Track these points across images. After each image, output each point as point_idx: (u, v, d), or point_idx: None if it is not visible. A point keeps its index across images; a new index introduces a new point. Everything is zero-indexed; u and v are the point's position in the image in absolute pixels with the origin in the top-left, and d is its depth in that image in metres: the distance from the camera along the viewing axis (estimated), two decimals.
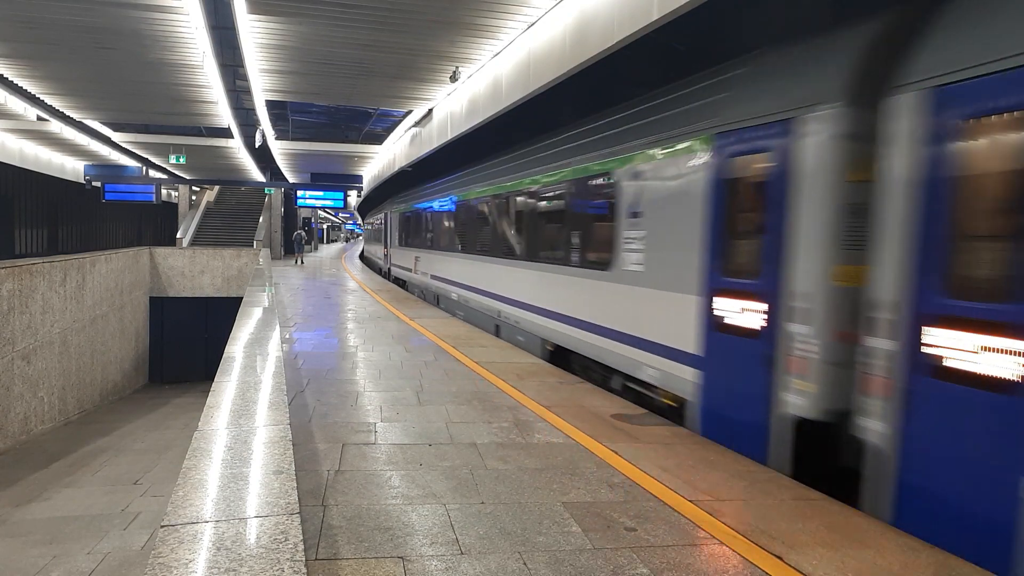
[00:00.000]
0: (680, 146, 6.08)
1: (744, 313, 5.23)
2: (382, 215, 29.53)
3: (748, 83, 5.50)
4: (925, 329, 3.81)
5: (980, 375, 3.52)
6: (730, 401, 5.41)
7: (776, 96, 5.06)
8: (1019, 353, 3.35)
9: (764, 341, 5.02)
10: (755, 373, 5.09)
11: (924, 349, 3.81)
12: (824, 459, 4.81)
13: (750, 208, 5.24)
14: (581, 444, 5.27)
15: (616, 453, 5.05)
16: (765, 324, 5.01)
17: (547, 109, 13.83)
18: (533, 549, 3.49)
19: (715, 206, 5.59)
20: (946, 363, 3.69)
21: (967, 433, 3.59)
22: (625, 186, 7.02)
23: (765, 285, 5.01)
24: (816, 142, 4.59)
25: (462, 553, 3.42)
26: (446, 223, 15.84)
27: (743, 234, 5.32)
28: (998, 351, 3.44)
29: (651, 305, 6.52)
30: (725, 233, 5.49)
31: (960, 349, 3.62)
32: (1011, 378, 3.38)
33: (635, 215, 6.82)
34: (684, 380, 5.95)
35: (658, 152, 6.47)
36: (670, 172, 6.24)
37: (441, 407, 6.28)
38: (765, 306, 5.00)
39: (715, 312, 5.56)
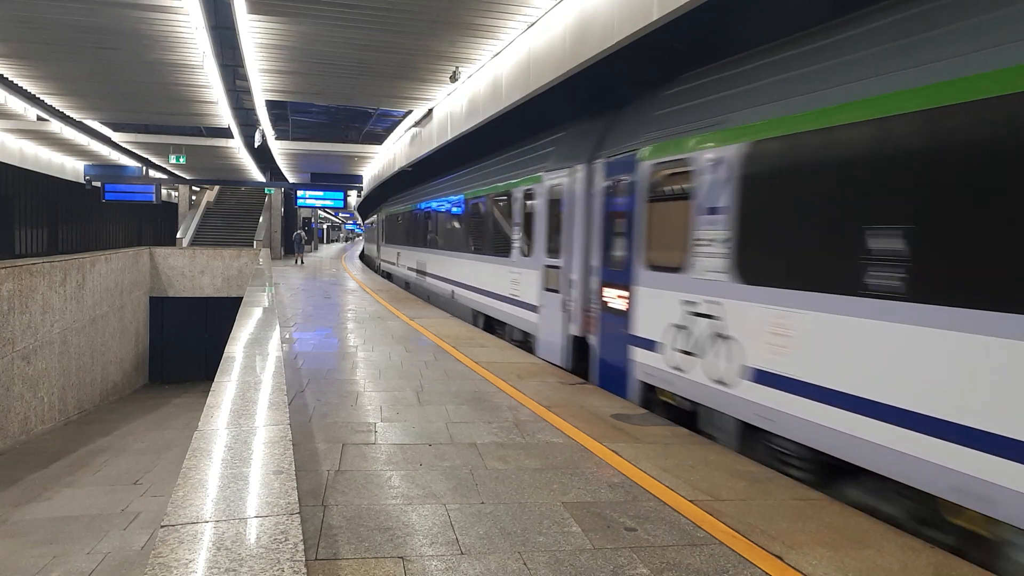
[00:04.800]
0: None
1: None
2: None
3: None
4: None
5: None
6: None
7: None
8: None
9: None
10: None
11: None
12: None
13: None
14: (581, 444, 5.27)
15: (616, 453, 5.05)
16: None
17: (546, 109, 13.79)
18: (533, 549, 3.49)
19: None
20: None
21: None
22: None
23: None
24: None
25: (462, 553, 3.42)
26: None
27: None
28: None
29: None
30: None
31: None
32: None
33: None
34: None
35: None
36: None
37: (441, 407, 6.28)
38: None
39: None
